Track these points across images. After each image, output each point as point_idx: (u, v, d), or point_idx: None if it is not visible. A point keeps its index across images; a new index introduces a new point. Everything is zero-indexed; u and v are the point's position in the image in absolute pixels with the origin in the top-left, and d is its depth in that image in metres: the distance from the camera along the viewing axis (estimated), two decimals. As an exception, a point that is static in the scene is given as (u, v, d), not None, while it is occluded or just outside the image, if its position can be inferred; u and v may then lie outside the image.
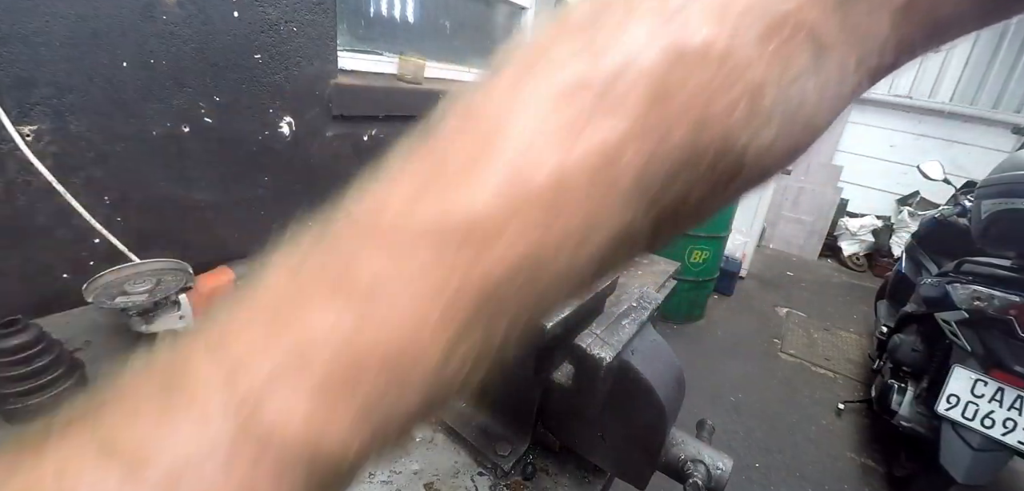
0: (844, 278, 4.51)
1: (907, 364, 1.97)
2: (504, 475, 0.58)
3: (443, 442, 0.63)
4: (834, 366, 2.88)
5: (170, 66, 0.86)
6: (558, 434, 0.60)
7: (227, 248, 1.06)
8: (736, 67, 0.14)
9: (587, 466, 0.61)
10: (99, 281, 0.73)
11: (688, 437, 0.55)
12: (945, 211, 2.67)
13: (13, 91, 0.70)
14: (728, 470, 0.52)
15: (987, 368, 1.55)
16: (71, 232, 0.81)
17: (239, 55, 0.96)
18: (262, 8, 0.98)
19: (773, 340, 3.09)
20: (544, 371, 0.56)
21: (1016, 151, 2.75)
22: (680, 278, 1.69)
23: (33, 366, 0.59)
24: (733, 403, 2.41)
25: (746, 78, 0.14)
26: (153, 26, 0.82)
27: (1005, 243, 1.68)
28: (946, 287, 1.71)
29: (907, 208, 4.52)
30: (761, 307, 3.54)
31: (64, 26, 0.73)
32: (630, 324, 0.53)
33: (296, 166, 1.15)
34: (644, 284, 1.27)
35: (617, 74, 0.13)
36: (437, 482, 0.57)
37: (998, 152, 4.19)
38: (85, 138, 0.79)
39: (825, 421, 2.37)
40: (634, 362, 0.50)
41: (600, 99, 0.13)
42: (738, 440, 2.16)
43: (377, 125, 1.33)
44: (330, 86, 1.16)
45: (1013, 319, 1.47)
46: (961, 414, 1.57)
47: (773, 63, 0.14)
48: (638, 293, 0.60)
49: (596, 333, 0.50)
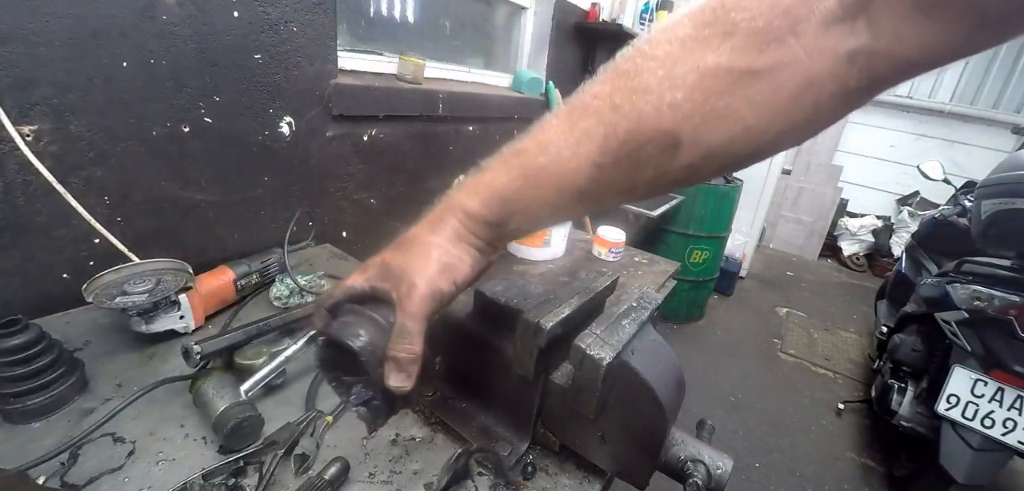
0: (844, 278, 4.51)
1: (907, 364, 1.97)
2: (504, 475, 0.58)
3: (443, 442, 0.63)
4: (834, 366, 2.88)
5: (170, 66, 0.86)
6: (558, 434, 0.60)
7: (227, 248, 1.06)
8: (660, 93, 0.31)
9: (587, 466, 0.61)
10: (99, 281, 0.73)
11: (688, 437, 0.55)
12: (945, 211, 2.67)
13: (13, 91, 0.70)
14: (728, 470, 0.52)
15: (987, 368, 1.55)
16: (71, 232, 0.81)
17: (239, 55, 0.96)
18: (262, 8, 0.97)
19: (773, 340, 3.09)
20: (544, 371, 0.56)
21: (1016, 151, 2.75)
22: (680, 278, 1.69)
23: (33, 366, 0.59)
24: (733, 403, 2.41)
25: (667, 98, 0.31)
26: (153, 26, 0.82)
27: (1005, 243, 1.68)
28: (946, 287, 1.71)
29: (907, 208, 4.52)
30: (761, 307, 3.54)
31: (64, 26, 0.73)
32: (630, 324, 0.53)
33: (296, 166, 1.15)
34: (644, 284, 1.27)
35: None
36: (437, 482, 0.57)
37: (998, 152, 4.19)
38: (85, 138, 0.79)
39: (825, 421, 2.37)
40: (634, 362, 0.50)
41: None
42: (738, 440, 2.16)
43: (377, 125, 1.32)
44: (330, 86, 1.16)
45: (1013, 319, 1.47)
46: (961, 414, 1.58)
47: (689, 90, 0.30)
48: (638, 293, 0.60)
49: (596, 333, 0.50)
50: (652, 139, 0.31)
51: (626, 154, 0.32)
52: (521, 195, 0.37)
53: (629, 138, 0.32)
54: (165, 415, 0.62)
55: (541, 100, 2.08)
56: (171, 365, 0.71)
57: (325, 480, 0.53)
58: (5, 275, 0.77)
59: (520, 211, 0.38)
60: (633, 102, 0.32)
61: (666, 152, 0.32)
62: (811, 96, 0.29)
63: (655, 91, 0.31)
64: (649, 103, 0.31)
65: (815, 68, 0.28)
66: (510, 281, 0.63)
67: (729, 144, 0.31)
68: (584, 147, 0.34)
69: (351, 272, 0.45)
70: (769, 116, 0.30)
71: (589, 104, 0.34)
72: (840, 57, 0.28)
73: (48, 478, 0.51)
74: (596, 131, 0.33)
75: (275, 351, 0.69)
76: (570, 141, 0.34)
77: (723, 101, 0.30)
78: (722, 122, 0.30)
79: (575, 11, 2.20)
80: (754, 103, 0.30)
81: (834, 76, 0.28)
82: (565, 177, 0.35)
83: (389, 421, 0.65)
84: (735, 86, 0.29)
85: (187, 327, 0.78)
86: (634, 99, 0.32)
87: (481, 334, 0.61)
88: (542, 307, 0.52)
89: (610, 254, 1.46)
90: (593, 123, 0.33)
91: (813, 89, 0.29)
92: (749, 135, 0.31)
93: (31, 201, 0.76)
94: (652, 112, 0.31)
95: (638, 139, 0.32)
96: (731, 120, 0.30)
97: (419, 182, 1.54)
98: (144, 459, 0.55)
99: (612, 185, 0.35)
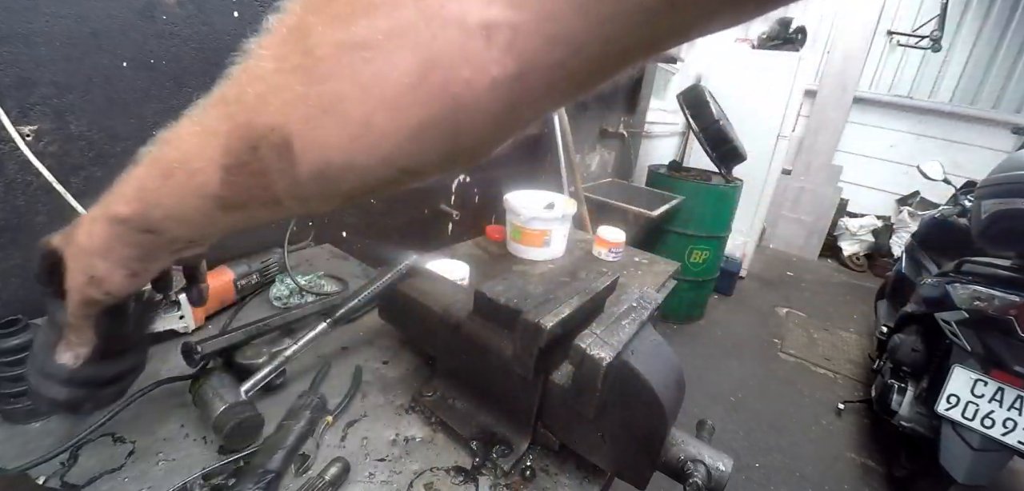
0: (844, 278, 4.51)
1: (907, 364, 1.97)
2: (504, 475, 0.58)
3: (443, 442, 0.63)
4: (834, 366, 2.88)
5: (170, 66, 0.86)
6: (558, 434, 0.60)
7: (227, 248, 1.05)
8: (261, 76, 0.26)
9: (587, 466, 0.61)
10: (99, 281, 0.73)
11: (688, 437, 0.55)
12: (945, 211, 2.67)
13: (13, 91, 0.70)
14: (728, 470, 0.52)
15: (987, 368, 1.55)
16: (71, 232, 0.81)
17: (239, 55, 0.96)
18: (262, 8, 0.98)
19: (773, 340, 3.09)
20: (544, 371, 0.56)
21: (1016, 151, 2.75)
22: (680, 278, 1.69)
23: (33, 366, 0.59)
24: (733, 403, 2.41)
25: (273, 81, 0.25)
26: (153, 26, 0.82)
27: (1005, 243, 1.68)
28: (946, 287, 1.71)
29: (907, 208, 4.53)
30: (761, 307, 3.54)
31: (64, 26, 0.73)
32: (630, 324, 0.53)
33: (296, 166, 1.14)
34: (644, 284, 1.27)
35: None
36: (437, 482, 0.57)
37: (998, 152, 4.19)
38: (85, 138, 0.79)
39: (825, 421, 2.38)
40: (634, 362, 0.50)
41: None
42: (738, 440, 2.16)
43: (377, 125, 1.32)
44: (330, 86, 1.16)
45: (1013, 319, 1.47)
46: (961, 414, 1.57)
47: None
48: (638, 293, 0.60)
49: (596, 333, 0.50)
50: (264, 137, 0.25)
51: (247, 158, 0.26)
52: (160, 195, 0.32)
53: (245, 135, 0.25)
54: (165, 415, 0.62)
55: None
56: (171, 365, 0.71)
57: (325, 480, 0.53)
58: (5, 275, 0.77)
59: (165, 216, 0.33)
60: (245, 88, 0.25)
61: (282, 157, 0.25)
62: (438, 79, 0.21)
63: (265, 74, 0.24)
64: (258, 87, 0.25)
65: (438, 45, 0.21)
66: (510, 281, 0.63)
67: (348, 149, 0.24)
68: (209, 143, 0.27)
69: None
70: (389, 109, 0.22)
71: (220, 91, 0.27)
72: (471, 31, 0.20)
73: (48, 478, 0.51)
74: (220, 126, 0.27)
75: (275, 351, 0.69)
76: (194, 132, 0.29)
77: (329, 85, 0.22)
78: (332, 116, 0.23)
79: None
80: (366, 87, 0.22)
81: (466, 58, 0.21)
82: (197, 177, 0.29)
83: (388, 421, 0.65)
84: (340, 64, 0.22)
85: (187, 327, 0.78)
86: (246, 84, 0.26)
87: (481, 334, 0.61)
88: (542, 307, 0.52)
89: (610, 254, 1.46)
90: (216, 115, 0.27)
91: (439, 71, 0.21)
92: (370, 136, 0.23)
93: (31, 201, 0.76)
94: (258, 100, 0.25)
95: (251, 137, 0.25)
96: (340, 113, 0.23)
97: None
98: (144, 459, 0.55)
99: (249, 194, 0.28)
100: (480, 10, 0.20)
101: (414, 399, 0.69)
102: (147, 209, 0.33)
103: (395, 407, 0.68)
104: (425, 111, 0.22)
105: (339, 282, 1.00)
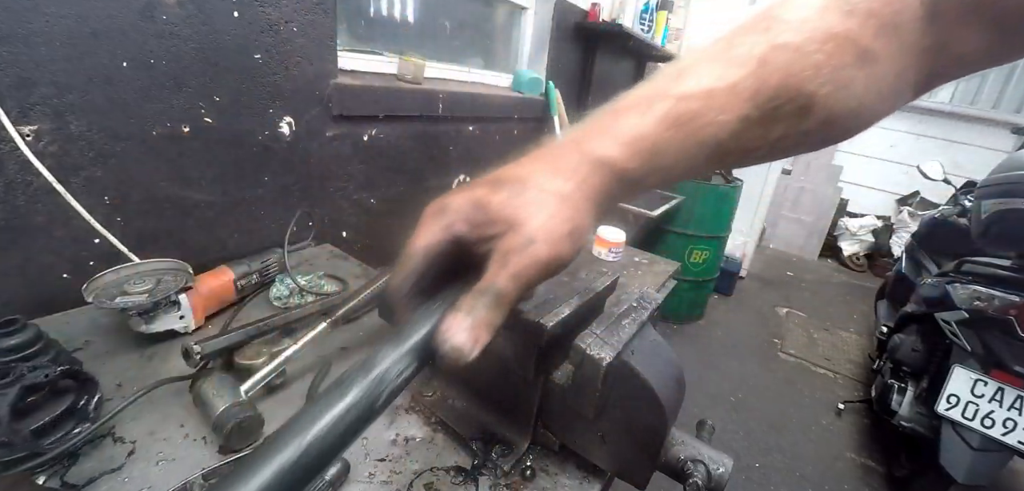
0: (844, 278, 4.51)
1: (907, 364, 1.97)
2: (504, 475, 0.58)
3: (443, 442, 0.63)
4: (834, 366, 2.88)
5: (170, 66, 0.86)
6: (558, 434, 0.60)
7: (227, 248, 1.06)
8: (806, 53, 0.31)
9: (587, 466, 0.61)
10: (99, 281, 0.73)
11: (688, 437, 0.55)
12: (945, 211, 2.67)
13: (13, 91, 0.70)
14: (728, 470, 0.52)
15: (987, 368, 1.55)
16: (71, 232, 0.81)
17: (239, 55, 0.96)
18: (262, 8, 0.98)
19: (773, 340, 3.09)
20: (544, 371, 0.56)
21: (1016, 151, 2.75)
22: (680, 278, 1.69)
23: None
24: (733, 403, 2.41)
25: (812, 59, 0.31)
26: (153, 26, 0.82)
27: (1005, 243, 1.68)
28: (946, 287, 1.71)
29: (907, 208, 4.52)
30: (761, 307, 3.54)
31: (64, 26, 0.73)
32: (630, 324, 0.53)
33: (296, 166, 1.15)
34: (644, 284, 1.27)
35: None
36: (437, 482, 0.57)
37: (998, 152, 4.19)
38: (85, 138, 0.79)
39: (825, 421, 2.37)
40: (634, 362, 0.50)
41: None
42: (738, 440, 2.16)
43: (377, 125, 1.32)
44: (330, 86, 1.16)
45: (1013, 319, 1.47)
46: (961, 414, 1.57)
47: (828, 55, 0.31)
48: (638, 293, 0.60)
49: (596, 333, 0.50)
50: (793, 99, 0.32)
51: (771, 110, 0.32)
52: (668, 146, 0.33)
53: (776, 95, 0.32)
54: (165, 415, 0.62)
55: (541, 100, 2.07)
56: (171, 365, 0.71)
57: (325, 480, 0.53)
58: (5, 275, 0.77)
59: (663, 166, 0.34)
60: (780, 58, 0.31)
61: (799, 113, 0.32)
62: (900, 85, 0.32)
63: (801, 50, 0.31)
64: (796, 62, 0.31)
65: (907, 60, 0.31)
66: (510, 281, 0.63)
67: (842, 117, 0.32)
68: (735, 99, 0.32)
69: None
70: (872, 97, 0.32)
71: (733, 57, 0.33)
72: (920, 51, 0.31)
73: (48, 478, 0.51)
74: (746, 84, 0.32)
75: (275, 351, 0.69)
76: (722, 89, 0.32)
77: (848, 72, 0.31)
78: (846, 93, 0.31)
79: (575, 11, 2.19)
80: (867, 82, 0.31)
81: (916, 68, 0.32)
82: (708, 128, 0.33)
83: (388, 421, 0.65)
84: (858, 60, 0.31)
85: (187, 327, 0.78)
86: (779, 56, 0.31)
87: (481, 334, 0.61)
88: (542, 307, 0.52)
89: (610, 254, 1.46)
90: (743, 74, 0.32)
91: (902, 79, 0.32)
92: (856, 112, 0.32)
93: (31, 201, 0.76)
94: (798, 70, 0.31)
95: (783, 96, 0.32)
96: (849, 93, 0.31)
97: (419, 182, 1.54)
98: (144, 459, 0.55)
99: (747, 142, 0.34)
100: (925, 38, 0.32)
101: (414, 399, 0.69)
102: (652, 158, 0.34)
103: (395, 407, 0.68)
104: (886, 104, 0.34)
105: (339, 282, 1.00)
